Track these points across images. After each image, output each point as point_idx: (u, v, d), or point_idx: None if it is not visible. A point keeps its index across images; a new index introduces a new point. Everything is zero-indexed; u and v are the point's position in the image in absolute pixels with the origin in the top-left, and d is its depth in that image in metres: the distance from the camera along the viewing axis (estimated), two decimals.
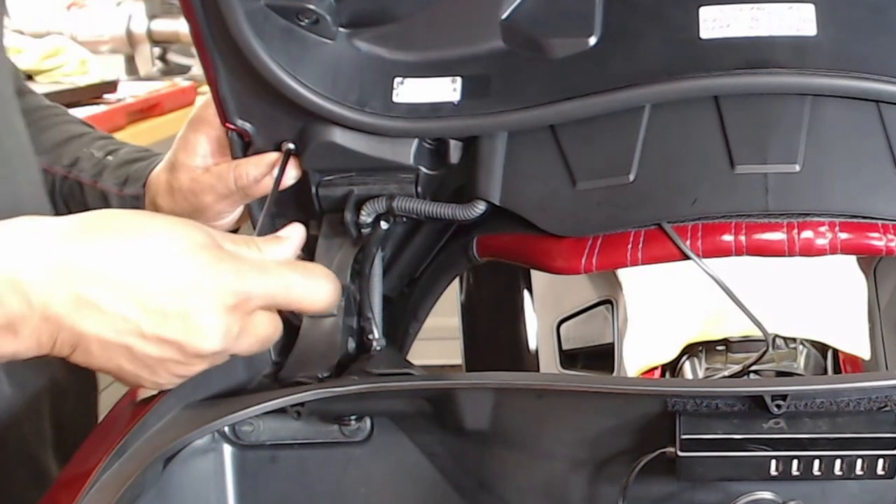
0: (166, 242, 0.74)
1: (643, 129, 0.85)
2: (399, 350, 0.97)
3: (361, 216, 0.89)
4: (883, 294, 1.37)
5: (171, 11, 2.35)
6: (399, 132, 0.88)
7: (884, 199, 0.81)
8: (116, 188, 1.06)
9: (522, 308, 1.69)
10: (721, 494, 0.79)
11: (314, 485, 0.87)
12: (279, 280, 0.78)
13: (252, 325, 0.77)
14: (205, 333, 0.74)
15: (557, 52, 0.86)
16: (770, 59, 0.82)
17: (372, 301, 0.90)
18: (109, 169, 1.07)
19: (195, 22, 0.85)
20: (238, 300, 0.75)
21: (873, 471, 0.74)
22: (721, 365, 1.16)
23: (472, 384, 0.82)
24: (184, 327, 0.73)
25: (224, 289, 0.74)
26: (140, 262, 0.72)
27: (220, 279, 0.74)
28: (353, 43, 0.89)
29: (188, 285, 0.73)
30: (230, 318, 0.75)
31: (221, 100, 0.89)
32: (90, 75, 2.09)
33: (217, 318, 0.74)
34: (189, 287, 0.73)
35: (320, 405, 0.81)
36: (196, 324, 0.73)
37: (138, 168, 1.06)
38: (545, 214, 0.87)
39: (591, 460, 0.82)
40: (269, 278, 0.77)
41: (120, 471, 0.74)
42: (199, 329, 0.73)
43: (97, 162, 1.09)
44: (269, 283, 0.77)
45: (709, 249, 0.83)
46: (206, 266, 0.74)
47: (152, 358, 0.74)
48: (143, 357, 0.74)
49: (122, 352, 0.73)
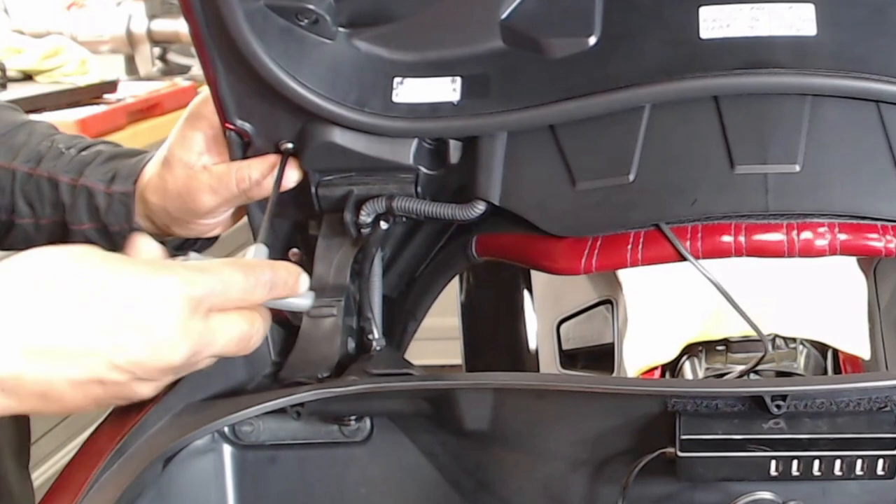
0: (101, 269, 0.72)
1: (643, 129, 0.85)
2: (397, 348, 0.97)
3: (361, 216, 0.89)
4: (883, 294, 1.37)
5: (171, 11, 2.34)
6: (399, 132, 0.88)
7: (884, 198, 0.81)
8: (104, 185, 1.02)
9: (522, 308, 1.69)
10: (721, 494, 0.79)
11: (314, 485, 0.87)
12: (221, 276, 0.76)
13: (216, 326, 0.75)
14: (169, 345, 0.72)
15: (557, 52, 0.86)
16: (770, 59, 0.82)
17: (372, 301, 0.90)
18: (93, 165, 1.04)
19: (195, 22, 0.85)
20: (192, 304, 0.73)
21: (873, 471, 0.74)
22: (721, 365, 1.16)
23: (471, 384, 0.82)
24: (148, 344, 0.71)
25: (176, 295, 0.72)
26: (86, 296, 0.70)
27: (169, 287, 0.72)
28: (353, 43, 0.89)
29: (141, 302, 0.71)
30: (190, 324, 0.73)
31: (221, 100, 0.89)
32: (90, 75, 2.09)
33: (177, 324, 0.72)
34: (142, 303, 0.71)
35: (320, 405, 0.81)
36: (157, 337, 0.72)
37: (127, 165, 1.03)
38: (545, 214, 0.87)
39: (591, 460, 0.82)
40: (210, 276, 0.75)
41: (120, 471, 0.74)
42: (162, 342, 0.72)
43: (71, 158, 1.05)
44: (212, 281, 0.75)
45: (708, 250, 0.83)
46: (146, 279, 0.72)
47: (123, 383, 0.72)
48: (115, 384, 0.72)
49: (93, 385, 0.71)
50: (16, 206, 1.05)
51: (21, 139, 1.06)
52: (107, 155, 1.05)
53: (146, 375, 0.73)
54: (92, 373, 0.71)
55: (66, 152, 1.05)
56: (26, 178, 1.04)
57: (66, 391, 0.71)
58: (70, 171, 1.04)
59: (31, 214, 1.05)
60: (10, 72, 2.02)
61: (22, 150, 1.06)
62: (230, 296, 0.76)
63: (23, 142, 1.06)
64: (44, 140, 1.07)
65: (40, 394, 0.70)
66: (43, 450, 1.84)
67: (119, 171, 1.02)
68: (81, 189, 1.03)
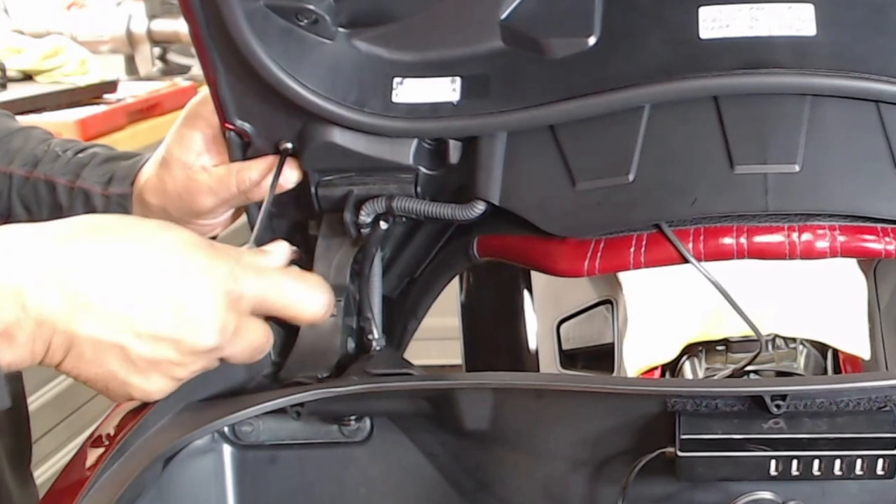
0: (160, 240, 0.73)
1: (643, 129, 0.85)
2: (397, 348, 0.97)
3: (361, 216, 0.89)
4: (883, 294, 1.37)
5: (171, 11, 2.34)
6: (398, 132, 0.88)
7: (883, 199, 0.81)
8: (101, 187, 1.02)
9: (522, 308, 1.69)
10: (721, 494, 0.79)
11: (314, 485, 0.87)
12: (274, 283, 0.77)
13: (246, 327, 0.76)
14: (200, 326, 0.73)
15: (557, 52, 0.86)
16: (769, 59, 0.82)
17: (372, 301, 0.90)
18: (90, 167, 1.03)
19: (194, 22, 0.85)
20: (232, 297, 0.74)
21: (873, 471, 0.74)
22: (721, 365, 1.16)
23: (471, 384, 0.82)
24: (178, 322, 0.72)
25: (220, 283, 0.74)
26: (132, 259, 0.72)
27: (215, 274, 0.74)
28: (353, 43, 0.89)
29: (183, 279, 0.72)
30: (226, 314, 0.74)
31: (221, 100, 0.89)
32: (90, 75, 2.09)
33: (213, 310, 0.73)
34: (184, 280, 0.72)
35: (320, 405, 0.81)
36: (191, 315, 0.72)
37: (124, 166, 1.03)
38: (545, 214, 0.87)
39: (590, 460, 0.82)
40: (263, 280, 0.77)
41: (120, 471, 0.74)
42: (194, 321, 0.73)
43: (68, 160, 1.04)
44: (264, 285, 0.77)
45: (710, 253, 0.83)
46: (201, 261, 0.73)
47: (145, 359, 0.73)
48: (137, 359, 0.72)
49: (115, 353, 0.72)
50: (12, 210, 1.05)
51: (17, 144, 1.06)
52: (102, 157, 1.05)
53: (163, 355, 0.73)
54: (116, 336, 0.71)
55: (62, 155, 1.05)
56: (23, 181, 1.04)
57: (86, 351, 0.71)
58: (67, 173, 1.04)
59: (28, 218, 1.04)
60: (10, 72, 2.02)
61: (18, 154, 1.05)
62: (275, 309, 0.78)
63: (19, 146, 1.06)
64: (40, 144, 1.06)
65: (65, 348, 0.71)
66: (43, 450, 1.84)
67: (115, 173, 1.02)
68: (78, 191, 1.03)
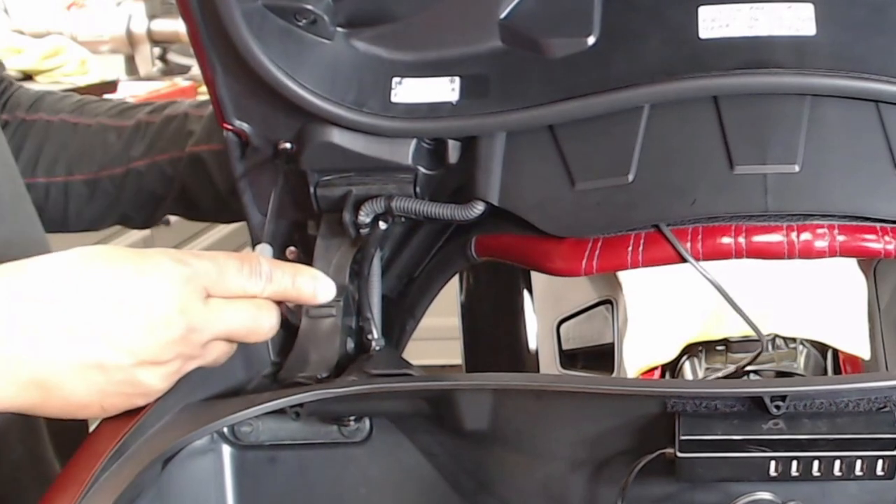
0: (99, 266, 0.73)
1: (642, 129, 0.84)
2: (396, 348, 0.97)
3: (360, 216, 0.89)
4: (883, 294, 1.37)
5: (171, 11, 2.35)
6: (397, 132, 0.88)
7: (883, 199, 0.81)
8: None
9: (522, 308, 1.69)
10: (720, 495, 0.79)
11: (313, 485, 0.86)
12: (216, 261, 0.77)
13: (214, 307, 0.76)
14: (165, 320, 0.73)
15: (556, 52, 0.86)
16: (769, 59, 0.82)
17: (371, 301, 0.90)
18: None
19: (192, 22, 0.85)
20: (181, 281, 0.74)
21: (873, 471, 0.74)
22: (721, 365, 1.16)
23: (471, 385, 0.82)
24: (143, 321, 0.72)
25: (165, 275, 0.74)
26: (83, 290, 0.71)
27: (156, 269, 0.74)
28: (351, 43, 0.89)
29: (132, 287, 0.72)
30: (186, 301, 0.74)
31: (219, 100, 0.89)
32: (90, 75, 2.10)
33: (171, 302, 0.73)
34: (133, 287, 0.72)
35: (319, 406, 0.81)
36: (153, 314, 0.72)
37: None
38: (544, 215, 0.87)
39: (590, 461, 0.82)
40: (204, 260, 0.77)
41: (119, 471, 0.74)
42: (158, 318, 0.73)
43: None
44: (205, 263, 0.76)
45: (709, 252, 0.82)
46: (137, 265, 0.73)
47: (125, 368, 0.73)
48: (117, 369, 0.72)
49: (95, 372, 0.72)
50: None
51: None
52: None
53: (147, 356, 0.73)
54: (92, 356, 0.71)
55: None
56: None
57: (66, 377, 0.71)
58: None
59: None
60: (10, 72, 2.01)
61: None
62: (228, 283, 0.77)
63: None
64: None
65: (40, 382, 0.70)
66: None
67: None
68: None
